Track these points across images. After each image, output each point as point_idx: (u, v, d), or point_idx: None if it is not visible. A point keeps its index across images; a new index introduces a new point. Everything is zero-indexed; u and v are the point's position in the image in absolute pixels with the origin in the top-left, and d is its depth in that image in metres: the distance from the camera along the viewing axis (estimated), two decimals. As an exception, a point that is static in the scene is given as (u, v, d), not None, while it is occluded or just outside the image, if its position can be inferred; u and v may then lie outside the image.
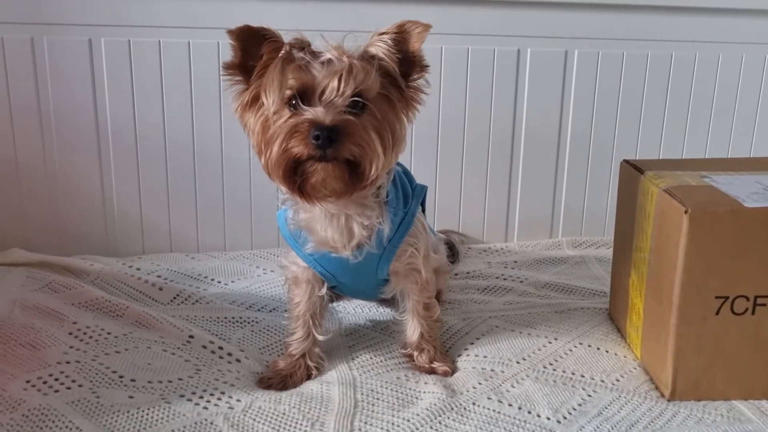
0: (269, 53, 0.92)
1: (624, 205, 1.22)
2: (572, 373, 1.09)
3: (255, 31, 0.92)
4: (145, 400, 0.99)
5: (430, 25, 0.94)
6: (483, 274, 1.48)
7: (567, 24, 1.58)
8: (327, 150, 0.89)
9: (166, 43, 1.45)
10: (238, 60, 0.94)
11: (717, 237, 0.98)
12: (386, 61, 0.94)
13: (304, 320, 1.10)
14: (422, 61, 0.97)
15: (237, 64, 0.94)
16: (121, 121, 1.48)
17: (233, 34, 0.92)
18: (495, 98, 1.59)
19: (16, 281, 1.33)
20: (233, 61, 0.94)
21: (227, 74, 0.96)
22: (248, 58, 0.94)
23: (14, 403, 0.96)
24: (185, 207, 1.55)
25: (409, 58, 0.96)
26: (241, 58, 0.94)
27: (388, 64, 0.94)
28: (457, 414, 0.99)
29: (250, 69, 0.94)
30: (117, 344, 1.12)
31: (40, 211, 1.51)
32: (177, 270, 1.44)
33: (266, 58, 0.92)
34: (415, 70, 0.97)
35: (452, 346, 1.19)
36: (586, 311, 1.31)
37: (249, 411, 0.98)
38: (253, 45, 0.93)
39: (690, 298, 1.00)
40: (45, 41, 1.42)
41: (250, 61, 0.94)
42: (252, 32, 0.92)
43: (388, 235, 1.03)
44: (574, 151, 1.65)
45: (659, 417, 1.00)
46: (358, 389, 1.04)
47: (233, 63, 0.95)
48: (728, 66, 1.66)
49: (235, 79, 0.96)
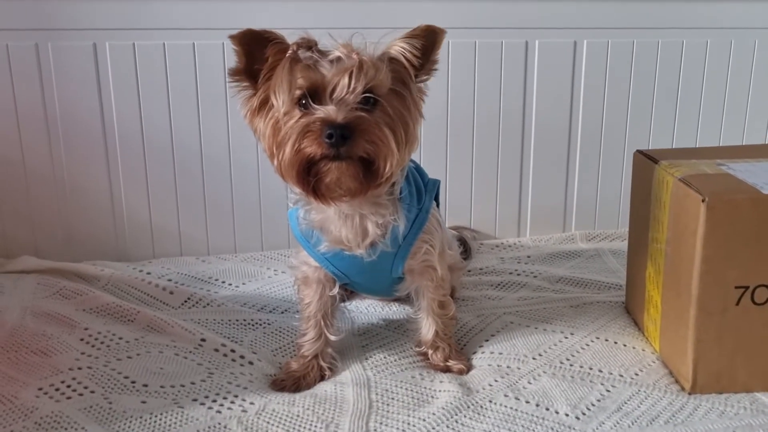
0: (274, 55, 0.91)
1: (638, 196, 1.20)
2: (590, 368, 1.08)
3: (258, 35, 0.91)
4: (158, 405, 0.98)
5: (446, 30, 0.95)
6: (496, 269, 1.46)
7: (575, 14, 1.55)
8: (340, 148, 0.87)
9: (170, 46, 1.44)
10: (243, 65, 0.93)
11: (735, 226, 0.96)
12: (406, 64, 0.93)
13: (315, 321, 1.09)
14: (435, 65, 0.97)
15: (242, 70, 0.93)
16: (128, 125, 1.47)
17: (236, 39, 0.90)
18: (504, 91, 1.57)
19: (27, 288, 1.33)
20: (238, 66, 0.93)
21: (233, 80, 0.94)
22: (253, 62, 0.92)
23: (27, 410, 0.95)
24: (194, 210, 1.54)
25: (425, 61, 0.95)
26: (246, 63, 0.92)
27: (407, 65, 0.93)
28: (473, 412, 0.97)
29: (257, 73, 0.93)
30: (129, 349, 1.12)
31: (49, 218, 1.50)
32: (187, 273, 1.43)
33: (272, 60, 0.91)
34: (424, 72, 0.97)
35: (467, 344, 1.17)
36: (602, 305, 1.29)
37: (263, 414, 0.97)
38: (257, 48, 0.91)
39: (709, 288, 0.98)
40: (50, 47, 1.41)
41: (256, 65, 0.92)
42: (255, 36, 0.91)
43: (403, 232, 1.01)
44: (586, 142, 1.63)
45: (681, 411, 0.98)
46: (373, 389, 1.03)
47: (238, 68, 0.93)
48: (741, 52, 1.63)
49: (242, 85, 0.94)
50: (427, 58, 0.95)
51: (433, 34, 0.94)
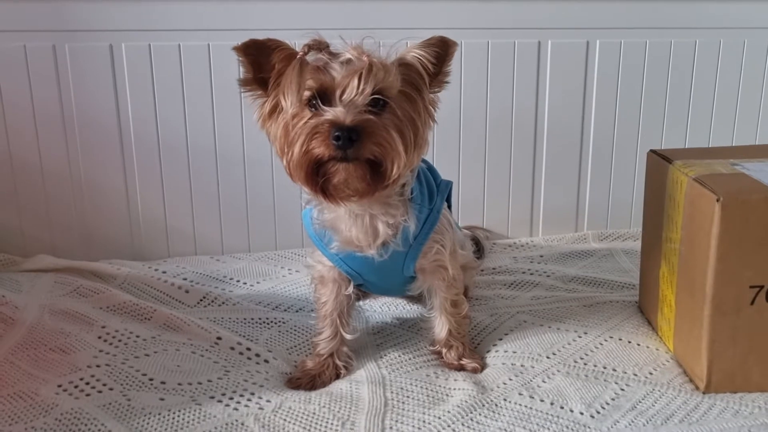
0: (281, 61, 0.92)
1: (652, 195, 1.21)
2: (604, 367, 1.08)
3: (261, 44, 0.92)
4: (176, 402, 0.99)
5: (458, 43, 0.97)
6: (509, 269, 1.47)
7: (587, 14, 1.56)
8: (348, 150, 0.88)
9: (185, 46, 1.45)
10: (251, 74, 0.94)
11: (750, 225, 0.96)
12: (420, 70, 0.94)
13: (331, 319, 1.10)
14: (447, 77, 0.98)
15: (251, 79, 0.95)
16: (143, 125, 1.49)
17: (240, 50, 0.92)
18: (516, 92, 1.57)
19: (45, 287, 1.34)
20: (247, 76, 0.95)
21: (245, 90, 0.96)
22: (260, 70, 0.94)
23: (47, 407, 0.97)
24: (209, 209, 1.55)
25: (437, 71, 0.97)
26: (254, 72, 0.94)
27: (421, 71, 0.94)
28: (488, 410, 0.98)
29: (267, 80, 0.94)
30: (146, 347, 1.13)
31: (66, 217, 1.52)
32: (202, 272, 1.44)
33: (279, 67, 0.92)
34: (436, 84, 0.98)
35: (481, 342, 1.18)
36: (615, 304, 1.29)
37: (279, 411, 0.98)
38: (263, 57, 0.93)
39: (723, 288, 0.98)
40: (67, 48, 1.43)
41: (263, 73, 0.94)
42: (258, 45, 0.92)
43: (414, 232, 1.02)
44: (598, 142, 1.63)
45: (695, 410, 0.98)
46: (388, 387, 1.04)
47: (247, 78, 0.95)
48: (754, 51, 1.63)
49: (255, 94, 0.96)
50: (439, 68, 0.96)
51: (446, 45, 0.95)
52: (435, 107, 0.99)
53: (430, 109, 0.97)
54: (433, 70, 0.95)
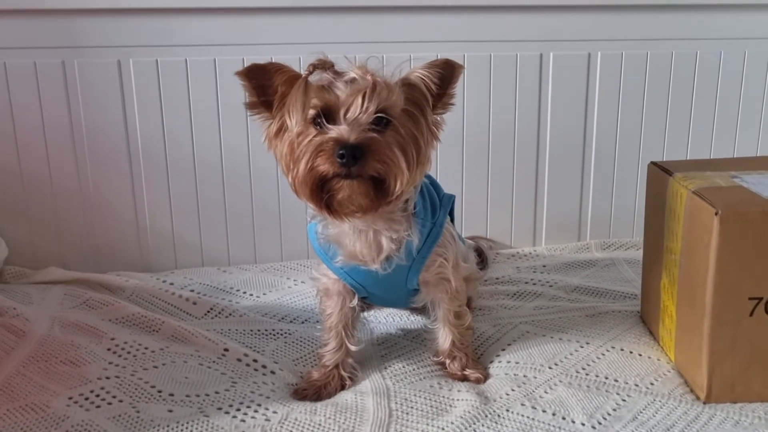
0: (283, 84, 0.94)
1: (652, 207, 1.22)
2: (605, 378, 1.09)
3: (262, 68, 0.94)
4: (184, 413, 1.01)
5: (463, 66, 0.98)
6: (512, 279, 1.48)
7: (589, 26, 1.57)
8: (352, 167, 0.90)
9: (192, 62, 1.48)
10: (255, 98, 0.96)
11: (748, 238, 0.97)
12: (424, 90, 0.96)
13: (336, 331, 1.11)
14: (452, 100, 1.00)
15: (256, 102, 0.97)
16: (151, 139, 1.51)
17: (242, 75, 0.94)
18: (519, 103, 1.59)
19: (55, 299, 1.36)
20: (251, 100, 0.97)
21: (251, 113, 0.98)
22: (264, 93, 0.96)
23: (58, 419, 0.98)
24: (215, 221, 1.57)
25: (441, 93, 0.98)
26: (258, 96, 0.96)
27: (425, 91, 0.96)
28: (491, 421, 0.99)
29: (272, 102, 0.97)
30: (154, 359, 1.15)
31: (76, 230, 1.54)
32: (209, 284, 1.46)
33: (282, 89, 0.94)
34: (441, 106, 0.99)
35: (484, 353, 1.19)
36: (617, 314, 1.30)
37: (285, 422, 0.99)
38: (266, 80, 0.95)
39: (723, 299, 0.99)
40: (75, 64, 1.45)
41: (267, 96, 0.96)
42: (259, 69, 0.94)
43: (417, 246, 1.04)
44: (600, 153, 1.65)
45: (695, 420, 0.99)
46: (392, 398, 1.05)
47: (252, 102, 0.97)
48: (755, 63, 1.64)
49: (261, 116, 0.98)
50: (444, 89, 0.98)
51: (451, 68, 0.97)
52: (439, 128, 1.00)
53: (434, 128, 0.99)
54: (437, 91, 0.97)
